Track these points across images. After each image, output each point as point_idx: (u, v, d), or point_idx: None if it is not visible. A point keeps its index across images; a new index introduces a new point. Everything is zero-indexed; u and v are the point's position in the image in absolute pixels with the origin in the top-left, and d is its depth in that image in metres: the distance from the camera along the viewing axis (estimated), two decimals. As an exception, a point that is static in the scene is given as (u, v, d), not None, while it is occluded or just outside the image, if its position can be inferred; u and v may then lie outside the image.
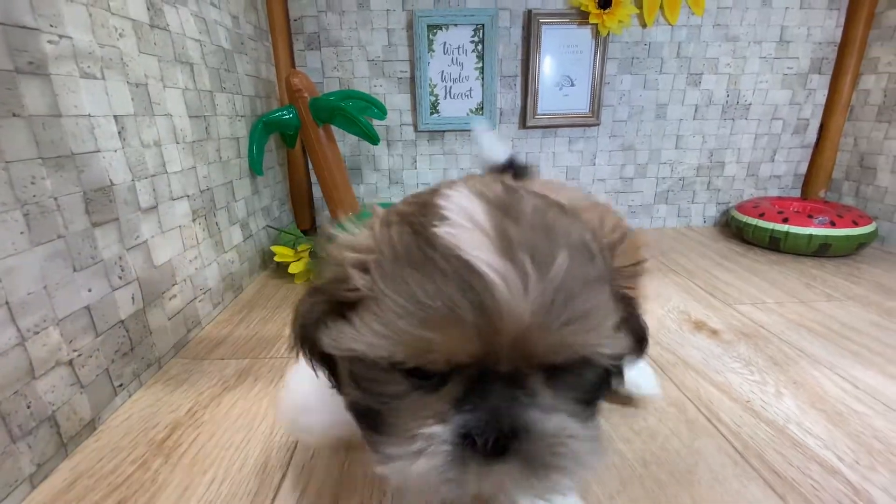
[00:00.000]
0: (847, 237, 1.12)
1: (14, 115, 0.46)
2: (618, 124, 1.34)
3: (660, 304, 0.92)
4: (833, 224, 1.13)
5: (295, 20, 1.21)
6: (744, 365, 0.70)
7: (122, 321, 0.61)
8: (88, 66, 0.57)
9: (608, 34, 1.23)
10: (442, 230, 0.23)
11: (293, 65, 1.24)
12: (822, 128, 1.38)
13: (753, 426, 0.57)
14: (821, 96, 1.35)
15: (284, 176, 1.26)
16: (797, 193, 1.45)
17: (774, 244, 1.20)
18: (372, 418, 0.28)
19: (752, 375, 0.67)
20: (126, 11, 0.64)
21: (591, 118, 1.31)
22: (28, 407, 0.47)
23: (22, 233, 0.47)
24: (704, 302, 0.93)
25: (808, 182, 1.43)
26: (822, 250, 1.15)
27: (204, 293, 0.82)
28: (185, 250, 0.77)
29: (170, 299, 0.72)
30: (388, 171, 1.34)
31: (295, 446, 0.53)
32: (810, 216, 1.17)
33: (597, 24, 1.21)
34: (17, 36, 0.47)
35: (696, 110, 1.34)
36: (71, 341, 0.53)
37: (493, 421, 0.24)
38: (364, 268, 0.25)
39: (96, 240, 0.57)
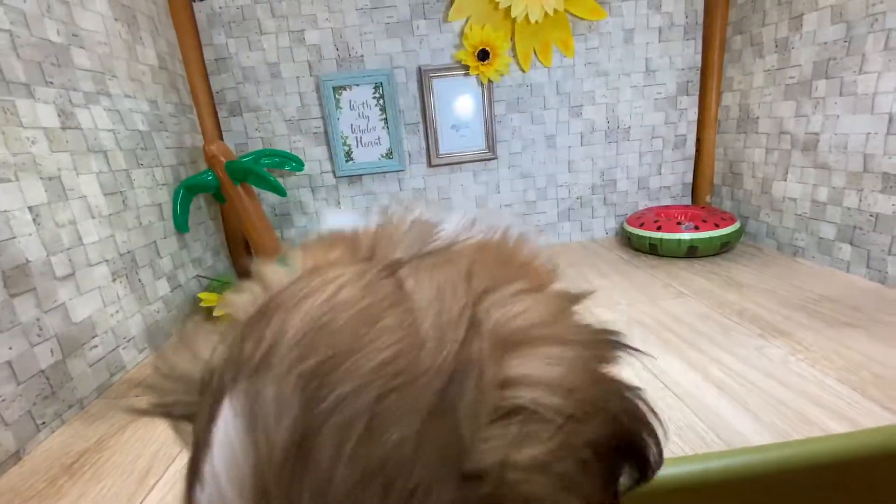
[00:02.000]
0: (710, 238, 1.28)
1: (-66, 222, 0.62)
2: (514, 156, 1.51)
3: (528, 315, 1.06)
4: (697, 228, 1.29)
5: (217, 92, 1.39)
6: (569, 362, 0.84)
7: (42, 370, 0.75)
8: (3, 173, 0.73)
9: (490, 81, 1.41)
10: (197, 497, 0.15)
11: (219, 130, 1.41)
12: (699, 141, 1.55)
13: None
14: (692, 114, 1.52)
15: (218, 228, 1.42)
16: (688, 201, 1.61)
17: (654, 250, 1.35)
18: None
19: (571, 370, 0.82)
20: (37, 122, 0.81)
21: (489, 153, 1.48)
22: (-48, 444, 0.61)
23: (-56, 310, 0.62)
24: (569, 309, 1.07)
25: (695, 190, 1.59)
26: (691, 252, 1.30)
27: (127, 341, 0.97)
28: (106, 306, 0.91)
29: (91, 349, 0.86)
30: (315, 214, 1.51)
31: (174, 460, 0.67)
32: (679, 223, 1.32)
33: (478, 75, 1.39)
34: (-66, 164, 0.63)
35: (582, 137, 1.51)
36: (-8, 390, 0.67)
37: None
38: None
39: (14, 307, 0.72)
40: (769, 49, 1.26)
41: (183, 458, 0.67)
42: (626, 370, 0.74)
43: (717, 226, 1.29)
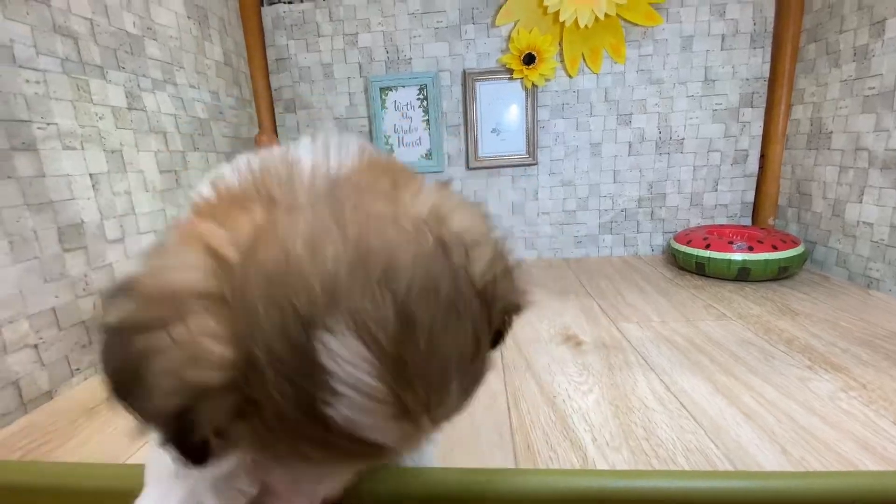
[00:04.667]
0: (765, 261, 1.16)
1: (7, 177, 0.71)
2: (555, 162, 1.47)
3: (548, 320, 1.02)
4: (751, 249, 1.18)
5: (275, 90, 1.49)
6: (580, 369, 0.79)
7: (83, 321, 0.83)
8: (70, 142, 0.82)
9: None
10: (337, 412, 0.19)
11: (274, 125, 1.51)
12: (763, 158, 1.42)
13: (541, 413, 0.67)
14: (756, 128, 1.40)
15: (263, 215, 1.50)
16: (748, 221, 1.47)
17: (701, 269, 1.25)
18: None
19: (580, 377, 0.77)
20: (106, 101, 0.90)
21: (529, 158, 1.45)
22: (-4, 372, 0.68)
23: (6, 254, 0.70)
24: (593, 320, 1.01)
25: (757, 210, 1.46)
26: (742, 275, 1.18)
27: (166, 307, 1.04)
28: (149, 272, 0.99)
29: (130, 309, 0.94)
30: (354, 210, 1.55)
31: (179, 414, 0.71)
32: (731, 242, 1.21)
33: (522, 79, 1.38)
34: (13, 126, 0.72)
35: (630, 147, 1.44)
36: (38, 331, 0.75)
37: None
38: (238, 410, 0.20)
39: (65, 261, 0.80)
40: (847, 58, 1.14)
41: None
42: (640, 384, 0.69)
43: (774, 248, 1.17)
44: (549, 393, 0.72)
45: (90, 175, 0.86)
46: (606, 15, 1.29)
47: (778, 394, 0.69)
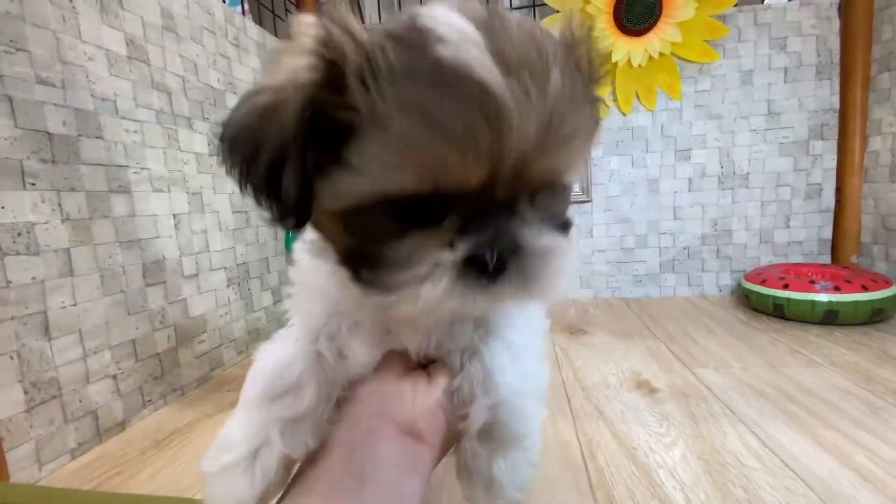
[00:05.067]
0: (855, 303, 1.05)
1: (104, 216, 0.77)
2: (611, 199, 1.44)
3: (614, 364, 0.96)
4: (838, 289, 1.08)
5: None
6: (658, 419, 0.73)
7: (157, 354, 0.86)
8: (159, 185, 0.89)
9: (589, 124, 1.39)
10: (444, 50, 0.22)
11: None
12: (839, 191, 1.33)
13: (622, 467, 0.61)
14: (829, 161, 1.33)
15: (320, 254, 1.55)
16: (826, 260, 1.36)
17: (779, 311, 1.15)
18: (369, 262, 0.27)
19: (659, 428, 0.70)
20: (192, 148, 0.98)
21: (582, 196, 1.43)
22: (80, 402, 0.71)
23: (97, 287, 0.75)
24: (665, 365, 0.95)
25: (836, 247, 1.35)
26: (829, 318, 1.08)
27: (230, 342, 1.07)
28: (218, 307, 1.03)
29: (199, 343, 0.97)
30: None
31: (243, 450, 0.71)
32: (812, 281, 1.12)
33: (575, 117, 1.39)
34: (112, 171, 0.79)
35: (690, 183, 1.40)
36: (118, 362, 0.78)
37: (496, 243, 0.25)
38: (363, 80, 0.23)
39: (147, 295, 0.85)
40: (933, 84, 1.07)
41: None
42: (730, 437, 0.61)
43: (864, 288, 1.06)
44: (628, 445, 0.66)
45: (173, 215, 0.92)
46: (661, 53, 1.29)
47: (898, 453, 0.60)
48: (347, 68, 0.24)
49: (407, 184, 0.24)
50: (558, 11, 1.34)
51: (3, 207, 0.62)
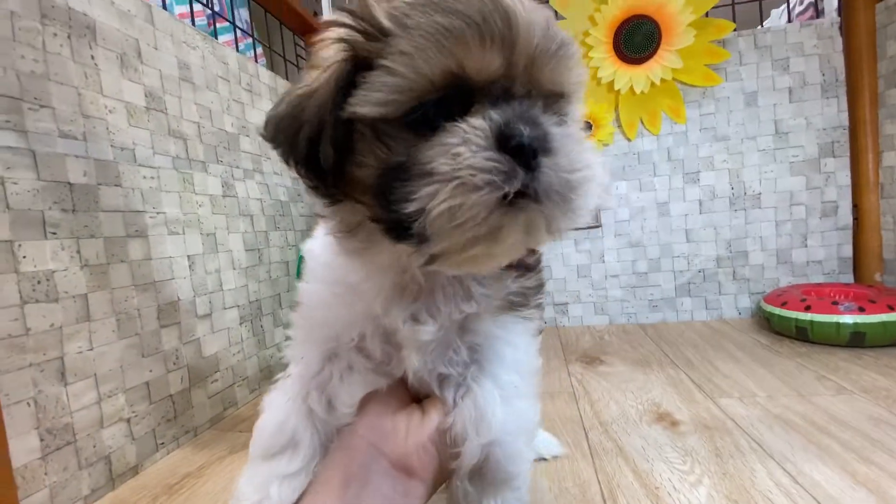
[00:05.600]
0: (883, 324, 1.01)
1: (121, 261, 0.79)
2: (620, 224, 1.43)
3: (633, 395, 0.93)
4: (863, 310, 1.04)
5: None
6: (681, 455, 0.70)
7: (171, 395, 0.87)
8: (175, 227, 0.92)
9: (594, 150, 1.40)
10: None
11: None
12: (857, 208, 1.30)
13: (643, 508, 0.58)
14: (843, 178, 1.31)
15: (332, 287, 1.56)
16: (849, 278, 1.32)
17: (802, 334, 1.11)
18: (404, 182, 0.27)
19: (683, 465, 0.67)
20: (206, 190, 1.01)
21: (592, 221, 1.43)
22: (94, 447, 0.72)
23: (113, 331, 0.77)
24: (686, 395, 0.91)
25: (858, 266, 1.31)
26: (856, 340, 1.04)
27: (243, 380, 1.07)
28: (230, 346, 1.04)
29: (212, 382, 0.97)
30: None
31: (254, 494, 0.69)
32: (835, 302, 1.08)
33: (580, 145, 1.40)
34: (130, 216, 0.82)
35: (700, 205, 1.38)
36: (132, 405, 0.79)
37: (522, 118, 0.26)
38: (392, 28, 0.28)
39: (161, 336, 0.86)
40: (943, 98, 1.06)
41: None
42: (760, 474, 0.60)
43: (891, 308, 1.02)
44: (651, 484, 0.63)
45: (188, 256, 0.94)
46: (662, 80, 1.31)
47: (944, 489, 0.56)
48: (377, 22, 0.28)
49: (437, 69, 0.26)
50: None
51: (24, 257, 0.64)
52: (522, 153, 0.25)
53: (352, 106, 0.28)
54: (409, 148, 0.28)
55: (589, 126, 1.38)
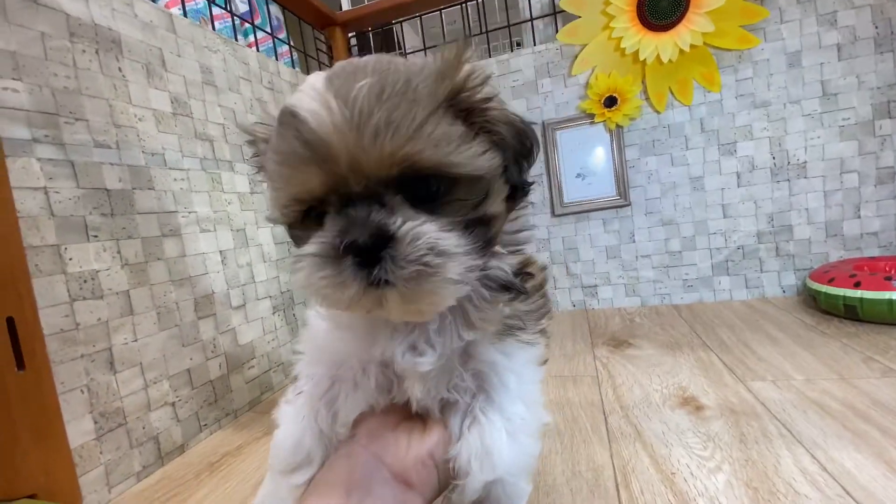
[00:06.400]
0: (944, 300, 0.93)
1: (158, 259, 0.86)
2: (651, 202, 1.37)
3: (659, 379, 0.90)
4: (920, 285, 0.95)
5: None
6: (702, 440, 0.68)
7: (211, 381, 0.94)
8: (206, 225, 0.97)
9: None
10: (289, 100, 0.30)
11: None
12: (919, 173, 1.18)
13: (657, 495, 0.58)
14: (902, 140, 1.19)
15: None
16: (909, 251, 1.21)
17: (851, 313, 1.04)
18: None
19: (704, 451, 0.66)
20: (234, 188, 1.07)
21: (621, 200, 1.38)
22: (143, 428, 0.79)
23: (154, 323, 0.83)
24: (715, 378, 0.88)
25: (921, 236, 1.20)
26: (913, 317, 0.96)
27: (278, 366, 1.13)
28: (265, 334, 1.10)
29: (249, 369, 1.04)
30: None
31: (284, 473, 0.74)
32: (888, 278, 1.00)
33: (605, 122, 1.34)
34: (163, 217, 0.88)
35: (738, 177, 1.30)
36: (176, 390, 0.86)
37: (354, 224, 0.29)
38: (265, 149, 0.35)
39: (199, 327, 0.92)
40: None
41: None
42: (785, 461, 0.59)
43: (955, 281, 0.93)
44: (667, 469, 0.62)
45: (220, 252, 1.00)
46: (692, 46, 1.23)
47: None
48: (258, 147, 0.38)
49: (289, 192, 0.32)
50: (578, 17, 1.32)
51: (71, 259, 0.71)
52: (360, 253, 0.28)
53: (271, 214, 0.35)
54: (299, 234, 0.35)
55: (613, 101, 1.32)
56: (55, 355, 0.67)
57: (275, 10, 1.72)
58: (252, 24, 1.32)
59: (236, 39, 1.21)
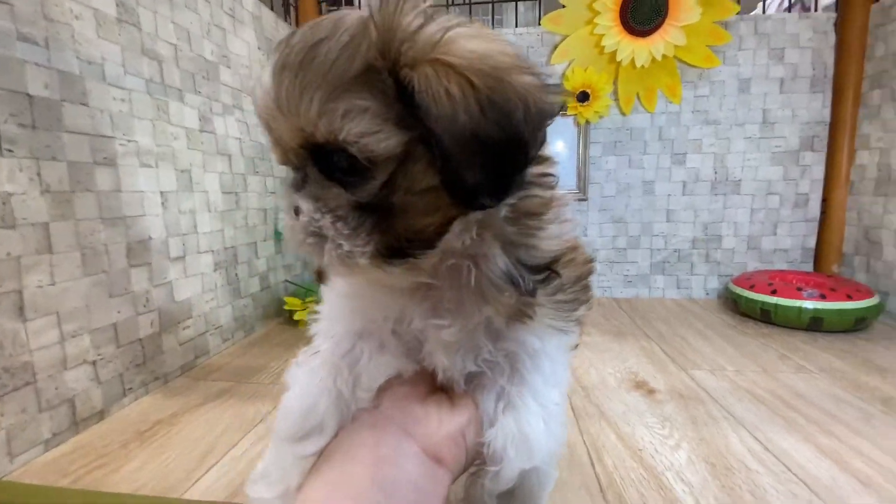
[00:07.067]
0: (840, 311, 1.09)
1: (87, 189, 0.71)
2: (606, 199, 1.44)
3: (612, 364, 0.96)
4: (823, 297, 1.11)
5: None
6: (660, 421, 0.73)
7: (140, 339, 0.81)
8: (147, 159, 0.83)
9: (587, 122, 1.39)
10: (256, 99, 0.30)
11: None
12: (825, 202, 1.37)
13: (630, 469, 0.61)
14: (818, 172, 1.36)
15: (309, 241, 1.50)
16: (809, 268, 1.41)
17: (766, 316, 1.18)
18: None
19: (663, 430, 0.70)
20: (182, 122, 0.92)
21: (580, 194, 1.43)
22: (56, 389, 0.66)
23: (77, 266, 0.70)
24: (660, 366, 0.95)
25: (819, 257, 1.39)
26: (814, 325, 1.11)
27: (216, 329, 1.02)
28: (204, 292, 0.98)
29: (184, 329, 0.92)
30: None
31: (234, 445, 0.67)
32: (799, 288, 1.15)
33: (575, 116, 1.38)
34: (97, 141, 0.73)
35: (684, 186, 1.41)
36: (98, 347, 0.73)
37: (290, 186, 0.31)
38: None
39: (130, 276, 0.79)
40: (922, 102, 1.10)
41: (243, 446, 0.67)
42: (733, 441, 0.62)
43: (849, 297, 1.10)
44: (633, 446, 0.66)
45: (161, 193, 0.86)
46: (664, 56, 1.29)
47: (892, 461, 0.62)
48: None
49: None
50: (563, 6, 1.33)
51: (-24, 174, 0.56)
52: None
53: None
54: None
55: (586, 96, 1.36)
56: (-51, 292, 0.53)
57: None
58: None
59: (195, -50, 1.04)
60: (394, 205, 0.29)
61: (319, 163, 0.29)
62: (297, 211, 0.30)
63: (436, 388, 0.38)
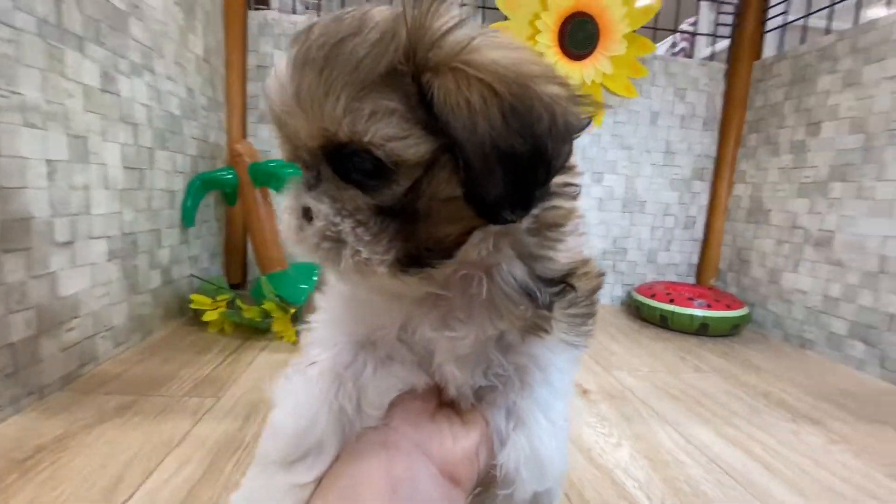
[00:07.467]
0: (723, 318, 1.28)
1: (-54, 149, 0.54)
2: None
3: (546, 367, 1.00)
4: (710, 306, 1.29)
5: (252, 97, 1.38)
6: (599, 420, 0.78)
7: (11, 343, 0.64)
8: (32, 118, 0.66)
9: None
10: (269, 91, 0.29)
11: (244, 134, 1.38)
12: (708, 226, 1.60)
13: (584, 469, 0.64)
14: (704, 199, 1.59)
15: (220, 230, 1.34)
16: (692, 281, 1.63)
17: (664, 322, 1.34)
18: None
19: (603, 429, 0.75)
20: (80, 77, 0.75)
21: (510, 202, 1.48)
22: None
23: (-74, 249, 0.53)
24: (587, 367, 1.02)
25: (700, 271, 1.63)
26: (702, 329, 1.29)
27: (107, 330, 0.85)
28: (94, 287, 0.81)
29: (67, 331, 0.75)
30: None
31: (150, 474, 0.56)
32: (691, 298, 1.32)
33: (513, 125, 1.43)
34: (-34, 88, 0.56)
35: (600, 202, 1.54)
36: (-51, 356, 0.56)
37: (301, 185, 0.29)
38: None
39: (3, 264, 0.62)
40: (784, 149, 1.35)
41: (163, 474, 0.56)
42: (661, 436, 0.66)
43: (728, 307, 1.30)
44: (582, 446, 0.69)
45: (47, 161, 0.69)
46: (593, 81, 1.40)
47: (784, 447, 0.74)
48: None
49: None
50: (507, 18, 1.37)
51: None
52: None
53: None
54: None
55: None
56: None
57: None
58: None
59: None
60: (417, 211, 0.28)
61: (335, 163, 0.28)
62: (305, 212, 0.28)
63: (442, 403, 0.36)
